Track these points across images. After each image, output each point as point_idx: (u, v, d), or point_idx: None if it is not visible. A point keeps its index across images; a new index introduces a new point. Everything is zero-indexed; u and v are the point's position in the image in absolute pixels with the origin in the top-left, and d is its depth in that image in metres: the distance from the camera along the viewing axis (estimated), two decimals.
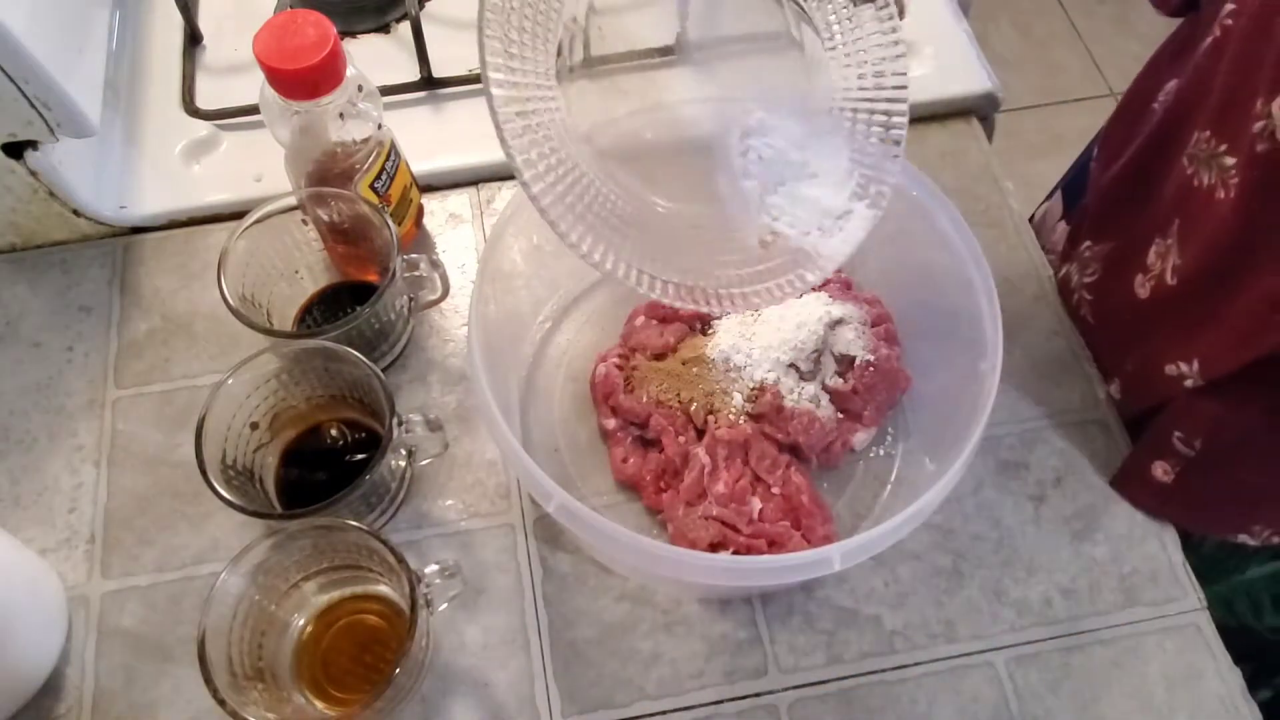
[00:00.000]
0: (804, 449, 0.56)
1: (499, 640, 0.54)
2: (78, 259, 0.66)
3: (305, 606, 0.52)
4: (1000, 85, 0.72)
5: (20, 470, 0.59)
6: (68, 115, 0.58)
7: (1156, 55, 0.63)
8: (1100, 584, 0.56)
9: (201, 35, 0.74)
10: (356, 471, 0.50)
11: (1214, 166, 0.49)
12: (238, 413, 0.53)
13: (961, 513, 0.58)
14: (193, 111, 0.70)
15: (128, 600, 0.55)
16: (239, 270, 0.56)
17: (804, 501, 0.55)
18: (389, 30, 0.76)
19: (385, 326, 0.59)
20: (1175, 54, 0.59)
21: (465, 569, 0.52)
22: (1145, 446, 0.57)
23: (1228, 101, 0.48)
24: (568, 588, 0.56)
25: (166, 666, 0.53)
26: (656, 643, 0.54)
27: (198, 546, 0.57)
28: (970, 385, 0.52)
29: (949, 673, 0.54)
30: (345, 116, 0.55)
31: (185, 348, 0.63)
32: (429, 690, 0.53)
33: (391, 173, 0.59)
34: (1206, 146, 0.50)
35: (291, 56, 0.51)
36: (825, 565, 0.46)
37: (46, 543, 0.57)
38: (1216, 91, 0.50)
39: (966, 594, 0.56)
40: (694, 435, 0.57)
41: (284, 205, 0.57)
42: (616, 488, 0.59)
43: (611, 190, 0.48)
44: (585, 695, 0.53)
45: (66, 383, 0.62)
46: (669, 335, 0.60)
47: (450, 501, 0.58)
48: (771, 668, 0.54)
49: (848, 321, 0.58)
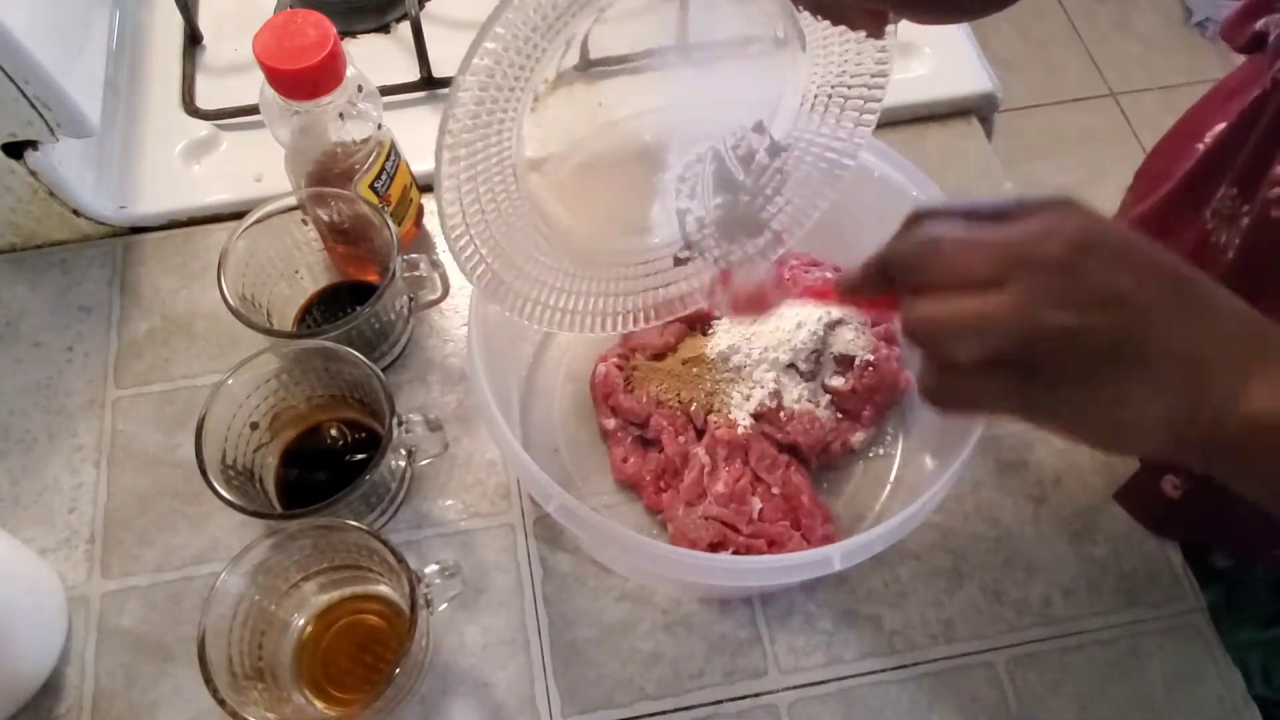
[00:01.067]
0: (804, 449, 0.56)
1: (499, 640, 0.54)
2: (78, 259, 0.66)
3: (305, 606, 0.52)
4: (1000, 85, 0.72)
5: (20, 470, 0.59)
6: (68, 115, 0.58)
7: (1214, 90, 0.61)
8: (1100, 584, 0.56)
9: (201, 35, 0.74)
10: (356, 471, 0.50)
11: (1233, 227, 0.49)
12: (238, 413, 0.53)
13: (961, 513, 0.58)
14: (193, 111, 0.70)
15: (128, 600, 0.55)
16: (239, 270, 0.56)
17: (804, 501, 0.55)
18: (389, 30, 0.76)
19: (385, 326, 0.59)
20: (1230, 94, 0.57)
21: (465, 569, 0.52)
22: (1157, 462, 0.55)
23: (1257, 159, 0.47)
24: (568, 588, 0.56)
25: (166, 666, 0.53)
26: (656, 643, 0.54)
27: (198, 546, 0.57)
28: None
29: (949, 673, 0.54)
30: (345, 116, 0.55)
31: (185, 348, 0.63)
32: (429, 690, 0.53)
33: (391, 173, 0.59)
34: (1231, 204, 0.49)
35: (291, 56, 0.51)
36: (825, 565, 0.46)
37: (46, 543, 0.57)
38: (1250, 147, 0.48)
39: (966, 594, 0.56)
40: (694, 435, 0.57)
41: (284, 205, 0.57)
42: (616, 488, 0.59)
43: (527, 213, 0.49)
44: (585, 695, 0.53)
45: (66, 383, 0.62)
46: (668, 335, 0.60)
47: (450, 501, 0.58)
48: (771, 668, 0.54)
49: (847, 321, 0.58)
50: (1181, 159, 0.58)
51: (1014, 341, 0.33)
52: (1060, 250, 0.33)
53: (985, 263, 0.34)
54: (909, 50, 0.73)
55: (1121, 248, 0.34)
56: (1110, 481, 0.58)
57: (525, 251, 0.50)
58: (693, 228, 0.51)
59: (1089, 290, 0.33)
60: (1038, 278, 0.33)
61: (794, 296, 0.49)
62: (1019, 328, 0.33)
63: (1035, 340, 0.33)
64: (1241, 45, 0.55)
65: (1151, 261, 0.34)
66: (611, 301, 0.53)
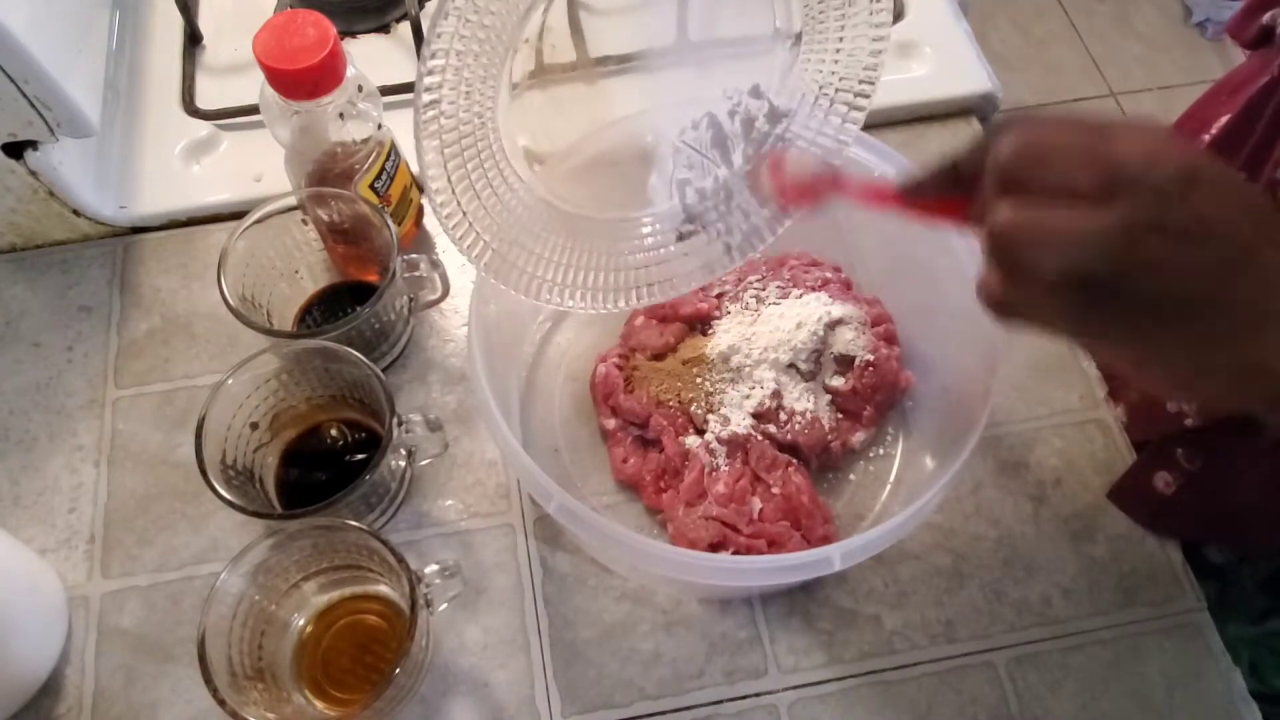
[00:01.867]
0: (804, 449, 0.56)
1: (499, 640, 0.54)
2: (78, 259, 0.66)
3: (305, 606, 0.52)
4: (1000, 85, 0.72)
5: (20, 470, 0.59)
6: (68, 115, 0.58)
7: (1219, 85, 0.61)
8: (1100, 584, 0.56)
9: (201, 35, 0.74)
10: (356, 471, 0.50)
11: None
12: (238, 413, 0.53)
13: (961, 513, 0.58)
14: (193, 111, 0.70)
15: (127, 600, 0.55)
16: (239, 270, 0.56)
17: (804, 501, 0.55)
18: (389, 30, 0.76)
19: (385, 326, 0.59)
20: (1236, 88, 0.57)
21: (465, 569, 0.52)
22: (1149, 458, 0.56)
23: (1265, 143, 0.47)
24: (568, 588, 0.56)
25: (166, 666, 0.53)
26: (656, 643, 0.54)
27: (198, 546, 0.57)
28: (970, 385, 0.52)
29: (949, 673, 0.54)
30: (345, 116, 0.55)
31: (185, 348, 0.63)
32: (429, 690, 0.53)
33: (391, 173, 0.59)
34: None
35: (291, 56, 0.51)
36: (825, 565, 0.46)
37: (46, 543, 0.57)
38: (1258, 134, 0.48)
39: (966, 594, 0.56)
40: (694, 435, 0.57)
41: (284, 205, 0.57)
42: (616, 488, 0.59)
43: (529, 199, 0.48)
44: (585, 695, 0.53)
45: (66, 383, 0.62)
46: (669, 335, 0.60)
47: (450, 501, 0.58)
48: (771, 668, 0.54)
49: (847, 322, 0.58)
50: None
51: (1109, 262, 0.31)
52: (1169, 176, 0.31)
53: (1091, 176, 0.32)
54: (909, 50, 0.73)
55: (1228, 182, 0.32)
56: (1110, 482, 0.58)
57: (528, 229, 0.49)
58: (693, 199, 0.50)
59: (1197, 222, 0.31)
60: (1144, 200, 0.31)
61: (848, 194, 0.44)
62: (1118, 248, 0.31)
63: (1132, 264, 0.31)
64: (1248, 40, 0.56)
65: (1255, 202, 0.33)
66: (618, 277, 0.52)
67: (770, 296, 0.60)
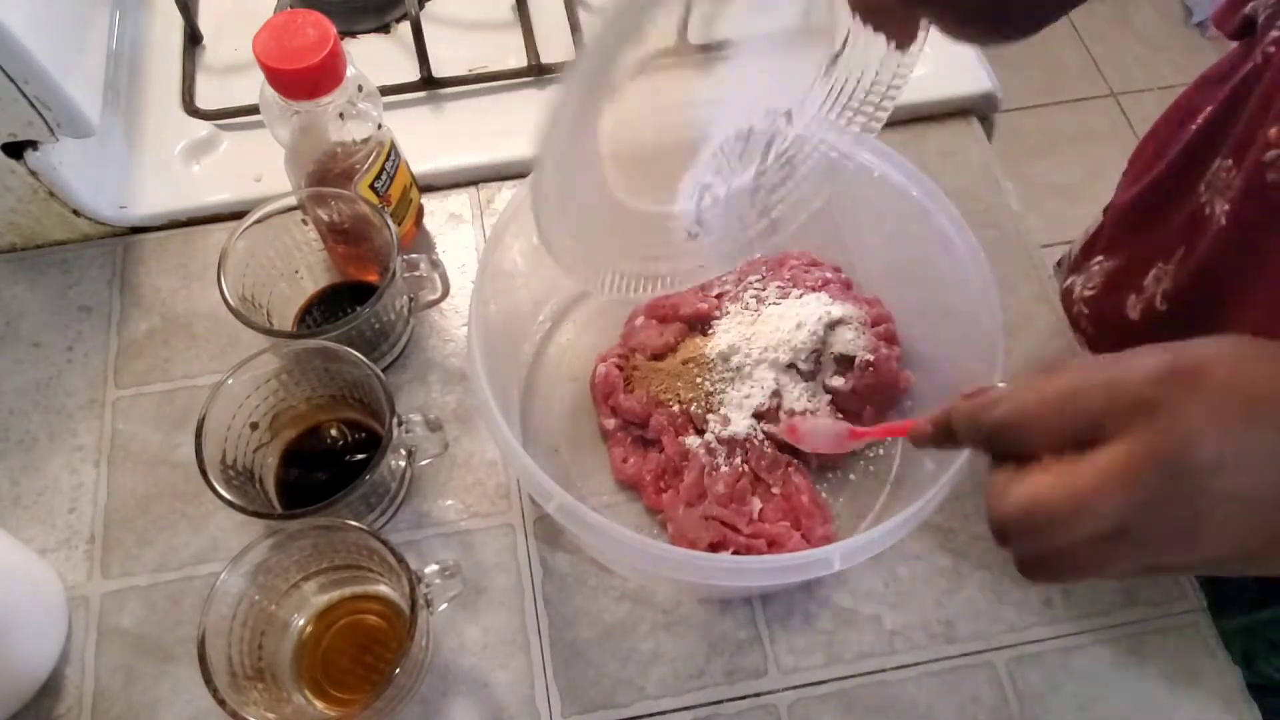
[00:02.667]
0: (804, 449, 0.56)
1: (499, 640, 0.54)
2: (78, 259, 0.66)
3: (305, 606, 0.52)
4: (1000, 85, 0.72)
5: (20, 470, 0.59)
6: (68, 115, 0.58)
7: (1203, 77, 0.62)
8: (1100, 584, 0.56)
9: (201, 35, 0.74)
10: (356, 471, 0.50)
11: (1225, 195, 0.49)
12: (238, 413, 0.53)
13: (961, 513, 0.58)
14: (193, 111, 0.70)
15: (127, 600, 0.55)
16: (239, 270, 0.56)
17: (804, 501, 0.55)
18: (389, 30, 0.76)
19: (385, 326, 0.59)
20: (1221, 78, 0.58)
21: (465, 569, 0.52)
22: None
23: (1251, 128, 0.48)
24: (568, 588, 0.56)
25: (166, 666, 0.53)
26: (656, 643, 0.54)
27: (198, 546, 0.57)
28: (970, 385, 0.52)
29: (949, 673, 0.54)
30: (345, 116, 0.55)
31: (185, 348, 0.63)
32: (429, 690, 0.53)
33: (391, 173, 0.59)
34: (1225, 176, 0.49)
35: (291, 56, 0.51)
36: (825, 565, 0.46)
37: (46, 543, 0.57)
38: (1243, 119, 0.49)
39: (966, 594, 0.56)
40: (694, 435, 0.57)
41: (284, 205, 0.57)
42: (616, 488, 0.59)
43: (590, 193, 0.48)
44: (585, 695, 0.53)
45: (66, 383, 0.62)
46: (669, 335, 0.60)
47: (450, 501, 0.58)
48: (771, 668, 0.54)
49: (847, 321, 0.58)
50: (1174, 141, 0.59)
51: (1129, 515, 0.31)
52: (1126, 406, 0.31)
53: (1067, 435, 0.32)
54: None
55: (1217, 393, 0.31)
56: None
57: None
58: (707, 203, 0.51)
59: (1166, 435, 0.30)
60: (1140, 433, 0.30)
61: (864, 438, 0.54)
62: (1132, 500, 0.31)
63: (1148, 509, 0.31)
64: (1232, 31, 0.56)
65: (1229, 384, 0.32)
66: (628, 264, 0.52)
67: (770, 296, 0.60)
